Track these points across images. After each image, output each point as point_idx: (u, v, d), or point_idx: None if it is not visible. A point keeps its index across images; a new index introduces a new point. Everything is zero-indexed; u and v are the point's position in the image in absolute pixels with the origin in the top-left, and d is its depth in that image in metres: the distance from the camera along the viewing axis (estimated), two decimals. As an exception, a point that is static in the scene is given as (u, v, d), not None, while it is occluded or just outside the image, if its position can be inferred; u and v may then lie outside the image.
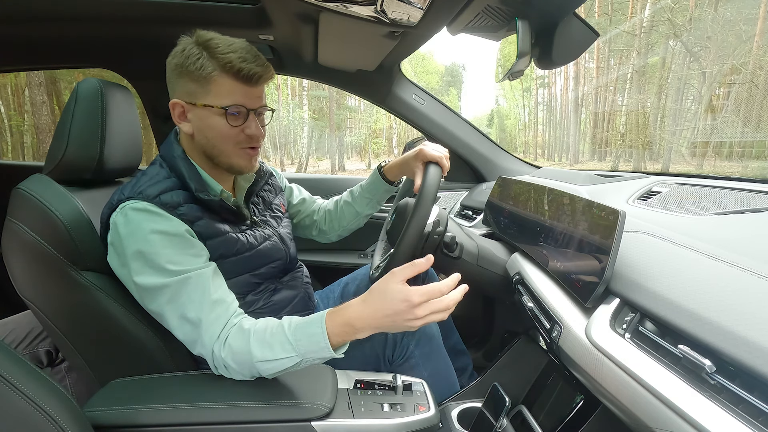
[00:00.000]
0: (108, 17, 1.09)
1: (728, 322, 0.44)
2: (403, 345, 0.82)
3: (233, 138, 0.76)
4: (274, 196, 1.01)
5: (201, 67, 0.71)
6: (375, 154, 21.83)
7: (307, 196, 1.16)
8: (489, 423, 0.84)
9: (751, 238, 0.60)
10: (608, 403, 0.57)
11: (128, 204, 0.71)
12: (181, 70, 0.73)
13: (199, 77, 0.72)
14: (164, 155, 0.80)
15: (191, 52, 0.72)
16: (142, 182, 0.75)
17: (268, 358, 0.65)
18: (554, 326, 0.68)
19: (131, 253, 0.69)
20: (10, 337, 1.03)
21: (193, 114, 0.75)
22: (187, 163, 0.78)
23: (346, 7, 0.87)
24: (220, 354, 0.67)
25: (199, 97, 0.73)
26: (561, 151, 21.11)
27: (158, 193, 0.73)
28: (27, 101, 11.00)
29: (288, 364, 0.65)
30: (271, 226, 0.94)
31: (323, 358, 0.66)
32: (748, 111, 11.97)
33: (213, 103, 0.73)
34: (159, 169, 0.79)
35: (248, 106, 0.75)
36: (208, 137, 0.76)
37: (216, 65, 0.71)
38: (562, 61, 0.89)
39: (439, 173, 0.88)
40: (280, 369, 0.66)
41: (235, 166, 0.80)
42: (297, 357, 0.64)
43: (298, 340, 0.64)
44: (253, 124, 0.77)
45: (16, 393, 0.47)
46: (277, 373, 0.67)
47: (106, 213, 0.74)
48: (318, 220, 1.14)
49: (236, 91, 0.73)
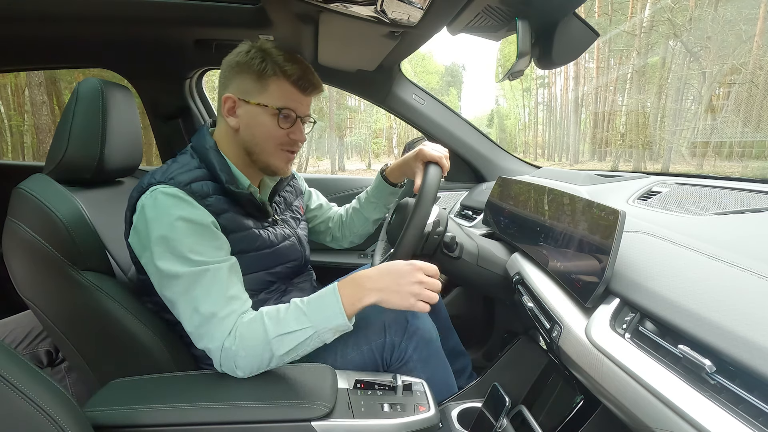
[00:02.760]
0: (108, 17, 1.09)
1: (728, 322, 0.44)
2: (401, 349, 0.82)
3: (279, 139, 0.81)
4: (295, 198, 1.03)
5: (264, 68, 0.76)
6: (375, 154, 21.83)
7: (324, 202, 1.19)
8: (489, 423, 0.84)
9: (752, 238, 0.60)
10: (608, 403, 0.57)
11: (159, 188, 0.72)
12: (243, 68, 0.78)
13: (260, 76, 0.77)
14: (196, 146, 0.82)
15: (255, 54, 0.77)
16: (173, 169, 0.77)
17: (282, 332, 0.67)
18: (554, 326, 0.68)
19: (155, 237, 0.69)
20: (10, 337, 1.03)
21: (243, 110, 0.79)
22: (218, 155, 0.80)
23: (346, 7, 0.87)
24: (231, 347, 0.67)
25: (255, 95, 0.78)
26: (561, 151, 21.10)
27: (189, 181, 0.75)
28: (27, 101, 10.99)
29: (302, 337, 0.68)
30: (291, 226, 0.97)
31: (336, 328, 0.69)
32: (748, 111, 11.97)
33: (268, 103, 0.78)
34: (190, 158, 0.81)
35: (298, 113, 0.81)
36: (255, 134, 0.80)
37: (278, 69, 0.77)
38: (562, 61, 0.89)
39: (439, 173, 0.88)
40: (293, 345, 0.68)
41: (272, 166, 0.83)
42: (311, 329, 0.68)
43: (312, 310, 0.69)
44: (299, 129, 0.83)
45: (16, 393, 0.47)
46: (289, 354, 0.68)
47: (135, 196, 0.75)
48: (332, 227, 1.17)
49: (291, 97, 0.79)
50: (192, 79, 1.62)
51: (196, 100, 1.67)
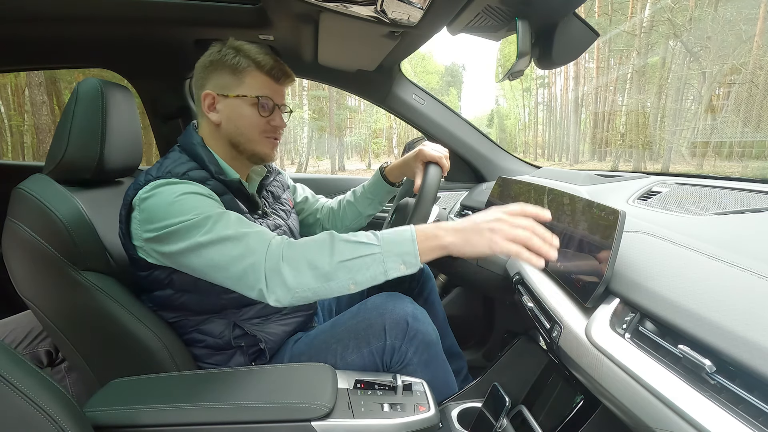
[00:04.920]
0: (108, 17, 1.09)
1: (728, 322, 0.44)
2: (402, 352, 0.82)
3: (261, 126, 0.84)
4: (282, 192, 1.04)
5: (238, 63, 0.81)
6: (375, 154, 21.83)
7: (310, 194, 1.19)
8: (489, 423, 0.84)
9: (751, 238, 0.60)
10: (608, 403, 0.57)
11: (158, 182, 0.74)
12: (217, 65, 0.82)
13: (235, 70, 0.81)
14: (183, 144, 0.85)
15: (227, 51, 0.81)
16: (167, 164, 0.79)
17: (347, 239, 0.67)
18: (554, 326, 0.68)
19: (166, 220, 0.70)
20: (10, 337, 1.03)
21: (223, 104, 0.82)
22: (206, 150, 0.83)
23: (346, 7, 0.87)
24: (279, 251, 0.67)
25: (232, 88, 0.81)
26: (561, 151, 21.10)
27: (185, 171, 0.78)
28: (27, 101, 10.98)
29: (365, 250, 0.66)
30: (282, 217, 0.97)
31: (403, 254, 0.66)
32: (748, 111, 11.97)
33: (246, 93, 0.81)
34: (179, 154, 0.83)
35: (275, 101, 0.85)
36: (238, 125, 0.83)
37: (251, 62, 0.81)
38: (562, 61, 0.89)
39: (438, 173, 0.88)
40: (354, 255, 0.65)
41: (258, 152, 0.86)
42: (377, 246, 0.66)
43: (383, 233, 0.68)
44: (278, 116, 0.86)
45: (16, 393, 0.47)
46: (346, 265, 0.65)
47: (131, 194, 0.76)
48: (321, 219, 1.16)
49: (266, 86, 0.83)
50: (192, 79, 1.62)
51: (196, 100, 1.67)
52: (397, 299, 0.87)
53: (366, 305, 0.88)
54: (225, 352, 0.86)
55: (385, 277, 0.66)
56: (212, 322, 0.84)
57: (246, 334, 0.85)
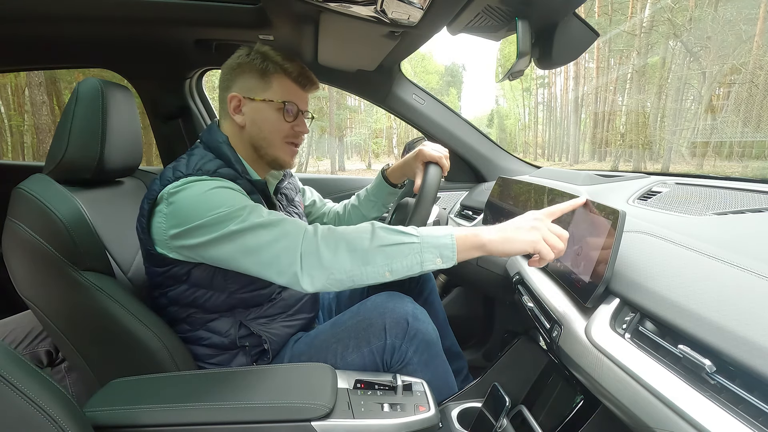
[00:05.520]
0: (108, 17, 1.09)
1: (728, 322, 0.44)
2: (402, 351, 0.82)
3: (284, 132, 0.85)
4: (295, 194, 1.05)
5: (266, 67, 0.82)
6: (375, 154, 21.83)
7: (318, 198, 1.20)
8: (489, 423, 0.84)
9: (751, 238, 0.60)
10: (608, 403, 0.57)
11: (189, 179, 0.74)
12: (245, 68, 0.82)
13: (263, 74, 0.82)
14: (207, 141, 0.84)
15: (255, 56, 0.82)
16: (194, 161, 0.78)
17: (389, 227, 0.68)
18: (554, 326, 0.68)
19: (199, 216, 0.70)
20: (10, 337, 1.03)
21: (249, 107, 0.83)
22: (232, 150, 0.83)
23: (346, 7, 0.87)
24: (316, 235, 0.67)
25: (259, 92, 0.82)
26: (561, 151, 21.10)
27: (216, 168, 0.78)
28: (27, 101, 10.98)
29: (405, 239, 0.66)
30: None
31: (441, 247, 0.66)
32: (748, 111, 11.97)
33: (273, 98, 0.83)
34: (205, 152, 0.83)
35: (300, 107, 0.86)
36: (262, 128, 0.84)
37: (279, 68, 0.83)
38: (562, 61, 0.89)
39: (438, 173, 0.88)
40: (393, 242, 0.66)
41: (279, 159, 0.87)
42: (416, 237, 0.67)
43: (422, 228, 0.70)
44: (302, 122, 0.88)
45: (16, 393, 0.47)
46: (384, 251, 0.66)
47: (157, 189, 0.75)
48: (328, 223, 1.17)
49: (292, 92, 0.85)
50: (192, 79, 1.62)
51: (196, 100, 1.67)
52: (397, 299, 0.87)
53: (366, 305, 0.88)
54: (228, 352, 0.86)
55: (421, 269, 0.67)
56: (220, 321, 0.85)
57: (251, 333, 0.86)
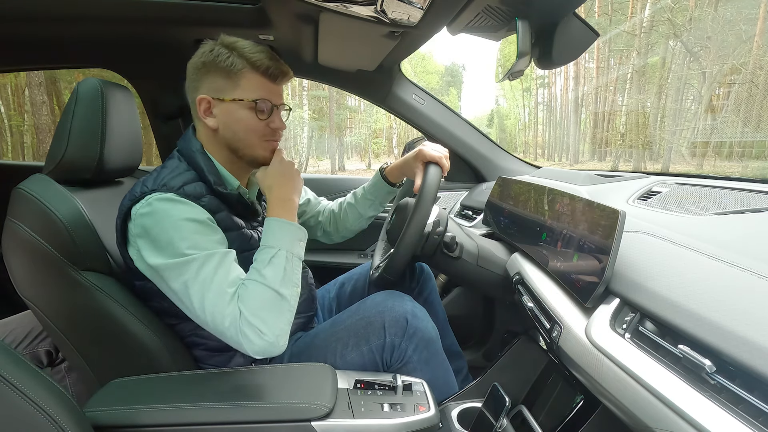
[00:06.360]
0: (108, 17, 1.09)
1: (728, 322, 0.44)
2: (401, 350, 0.82)
3: (260, 131, 0.80)
4: None
5: (232, 64, 0.76)
6: (375, 154, 21.83)
7: (312, 197, 1.17)
8: (489, 423, 0.84)
9: (751, 238, 0.60)
10: (608, 403, 0.57)
11: (153, 196, 0.72)
12: (210, 68, 0.77)
13: (229, 73, 0.77)
14: (182, 150, 0.82)
15: (220, 51, 0.77)
16: (163, 175, 0.76)
17: (262, 267, 0.72)
18: (554, 326, 0.68)
19: (158, 242, 0.70)
20: (10, 337, 1.03)
21: (219, 109, 0.79)
22: (206, 158, 0.80)
23: (346, 7, 0.87)
24: (242, 312, 0.68)
25: (228, 92, 0.78)
26: (561, 151, 21.09)
27: (181, 185, 0.75)
28: (27, 101, 10.97)
29: (281, 260, 0.73)
30: None
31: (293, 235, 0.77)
32: (748, 111, 11.96)
33: (243, 97, 0.78)
34: (178, 162, 0.80)
35: (273, 102, 0.80)
36: (235, 130, 0.80)
37: (245, 63, 0.76)
38: (562, 61, 0.89)
39: (438, 173, 0.88)
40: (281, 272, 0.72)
41: (258, 157, 0.83)
42: (281, 250, 0.74)
43: (266, 239, 0.76)
44: (277, 118, 0.83)
45: (16, 393, 0.47)
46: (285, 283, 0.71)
47: (127, 204, 0.74)
48: (323, 222, 1.15)
49: (263, 87, 0.79)
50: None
51: (196, 100, 1.67)
52: (396, 297, 0.87)
53: (365, 303, 0.88)
54: (225, 354, 0.85)
55: (301, 258, 0.76)
56: None
57: None
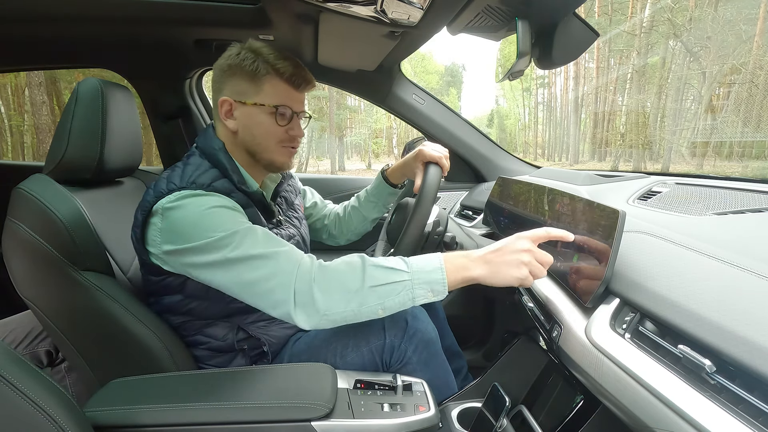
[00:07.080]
0: (108, 17, 1.09)
1: (728, 322, 0.44)
2: (401, 350, 0.82)
3: (278, 136, 0.81)
4: (295, 197, 1.03)
5: (256, 69, 0.77)
6: (375, 154, 21.83)
7: (319, 200, 1.19)
8: (489, 423, 0.84)
9: (751, 238, 0.60)
10: (608, 403, 0.57)
11: (183, 192, 0.72)
12: (235, 70, 0.78)
13: (253, 77, 0.78)
14: (203, 147, 0.82)
15: (246, 55, 0.78)
16: (189, 172, 0.76)
17: (378, 264, 0.68)
18: (554, 326, 0.68)
19: (198, 226, 0.69)
20: (10, 337, 1.03)
21: (240, 112, 0.79)
22: (228, 157, 0.80)
23: (346, 7, 0.87)
24: (310, 273, 0.66)
25: (250, 96, 0.79)
26: (561, 151, 21.09)
27: (210, 182, 0.76)
28: (27, 101, 10.98)
29: (396, 277, 0.66)
30: (295, 225, 0.97)
31: (432, 282, 0.67)
32: (748, 111, 11.97)
33: (264, 102, 0.78)
34: (200, 160, 0.80)
35: (294, 109, 0.82)
36: (254, 134, 0.80)
37: (270, 68, 0.77)
38: (562, 61, 0.89)
39: (438, 173, 0.88)
40: (385, 281, 0.66)
41: (276, 162, 0.84)
42: (407, 273, 0.67)
43: (413, 261, 0.69)
44: (297, 125, 0.84)
45: (16, 393, 0.47)
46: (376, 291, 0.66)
47: (151, 200, 0.73)
48: (329, 225, 1.17)
49: (285, 94, 0.80)
50: (192, 79, 1.62)
51: (196, 100, 1.67)
52: None
53: (366, 304, 0.88)
54: (227, 354, 0.86)
55: (413, 304, 0.68)
56: (216, 326, 0.84)
57: (250, 336, 0.86)
